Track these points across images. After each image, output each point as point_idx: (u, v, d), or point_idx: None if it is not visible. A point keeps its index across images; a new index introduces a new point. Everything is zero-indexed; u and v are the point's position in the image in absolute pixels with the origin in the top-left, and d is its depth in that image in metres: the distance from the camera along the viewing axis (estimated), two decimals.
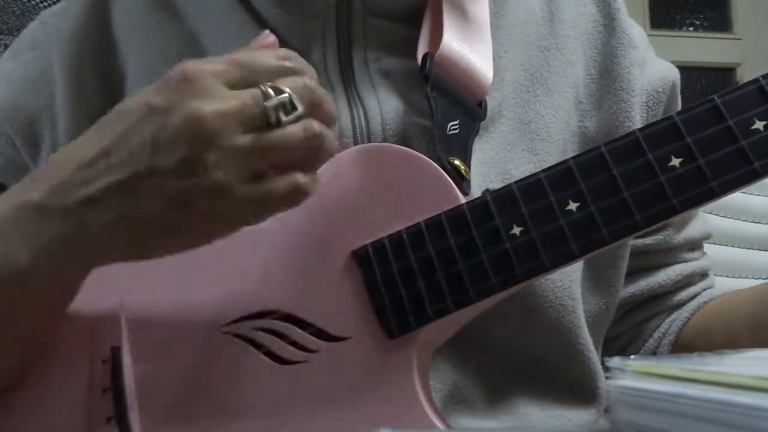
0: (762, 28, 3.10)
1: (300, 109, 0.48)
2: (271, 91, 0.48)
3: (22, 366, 0.57)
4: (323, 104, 0.50)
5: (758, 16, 3.11)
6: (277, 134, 0.48)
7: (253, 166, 0.48)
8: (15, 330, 0.55)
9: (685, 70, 2.93)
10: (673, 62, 0.76)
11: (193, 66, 0.48)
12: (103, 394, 0.57)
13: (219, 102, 0.47)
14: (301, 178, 0.49)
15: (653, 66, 0.72)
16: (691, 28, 3.09)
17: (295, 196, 0.50)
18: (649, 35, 0.76)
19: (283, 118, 0.48)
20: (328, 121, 0.51)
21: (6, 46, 1.12)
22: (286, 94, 0.48)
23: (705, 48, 3.02)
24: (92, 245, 0.50)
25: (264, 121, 0.48)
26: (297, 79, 0.49)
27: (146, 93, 0.49)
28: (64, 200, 0.49)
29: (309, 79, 0.50)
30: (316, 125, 0.49)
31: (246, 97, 0.47)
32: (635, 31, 0.72)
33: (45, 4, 1.16)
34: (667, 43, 2.81)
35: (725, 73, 3.05)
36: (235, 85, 0.48)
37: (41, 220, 0.50)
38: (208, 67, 0.48)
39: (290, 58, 0.51)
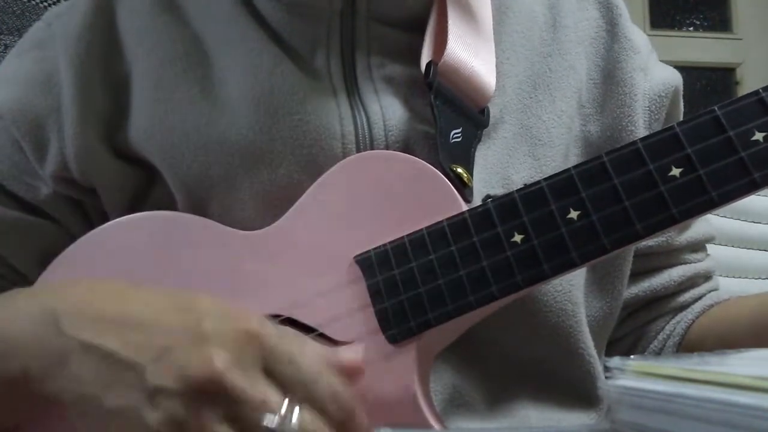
0: (762, 28, 3.10)
1: None
2: (286, 413, 0.44)
3: None
4: None
5: (758, 16, 3.11)
6: None
7: None
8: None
9: (685, 70, 2.92)
10: (673, 62, 0.76)
11: (257, 327, 0.46)
12: None
13: (248, 382, 0.44)
14: None
15: (656, 71, 0.73)
16: (691, 28, 3.09)
17: None
18: (649, 35, 0.76)
19: None
20: None
21: (6, 46, 1.12)
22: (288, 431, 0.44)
23: (705, 48, 3.02)
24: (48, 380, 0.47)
25: (251, 421, 0.44)
26: (320, 426, 0.45)
27: (213, 308, 0.47)
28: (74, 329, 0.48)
29: None
30: None
31: (266, 398, 0.44)
32: (638, 36, 0.72)
33: (45, 4, 1.16)
34: (667, 43, 2.81)
35: (725, 73, 3.05)
36: (271, 374, 0.45)
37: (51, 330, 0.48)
38: (267, 343, 0.45)
39: (349, 414, 0.46)
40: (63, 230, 0.68)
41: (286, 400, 0.44)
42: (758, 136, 0.49)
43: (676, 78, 0.74)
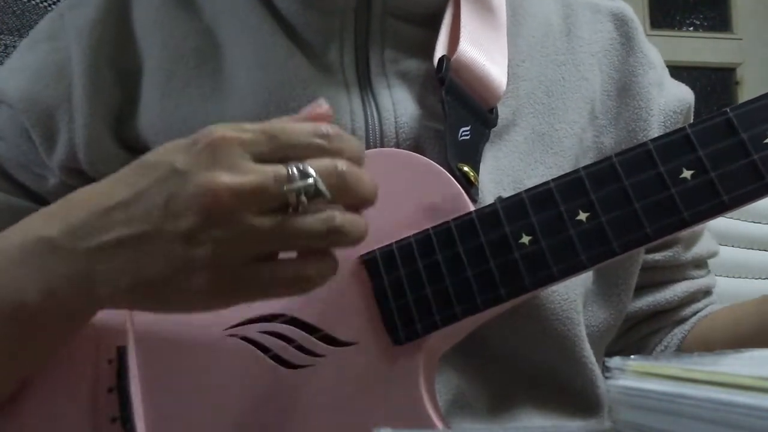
0: (762, 28, 3.10)
1: (325, 195, 0.46)
2: (296, 172, 0.45)
3: (23, 380, 0.57)
4: (356, 190, 0.47)
5: (758, 16, 3.11)
6: (294, 222, 0.45)
7: (261, 249, 0.46)
8: (20, 358, 0.55)
9: (685, 70, 2.93)
10: (673, 62, 0.77)
11: (223, 132, 0.46)
12: (109, 393, 0.57)
13: (238, 176, 0.45)
14: (310, 269, 0.47)
15: (671, 88, 0.73)
16: (691, 28, 3.09)
17: (300, 286, 0.48)
18: (649, 35, 0.76)
19: (305, 203, 0.45)
20: (360, 205, 0.48)
21: (6, 46, 1.12)
22: (311, 179, 0.45)
23: (705, 48, 3.02)
24: (97, 291, 0.49)
25: (283, 203, 0.45)
26: (329, 161, 0.46)
27: (173, 150, 0.48)
28: (76, 243, 0.49)
29: (345, 162, 0.47)
30: (338, 217, 0.46)
31: (268, 175, 0.45)
32: (653, 52, 0.73)
33: (45, 4, 1.15)
34: (667, 43, 2.81)
35: (725, 73, 3.05)
36: (263, 158, 0.46)
37: (52, 257, 0.50)
38: (238, 135, 0.46)
39: (329, 137, 0.47)
40: None
41: (289, 166, 0.45)
42: None
43: (690, 96, 0.75)
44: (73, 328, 0.55)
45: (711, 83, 2.98)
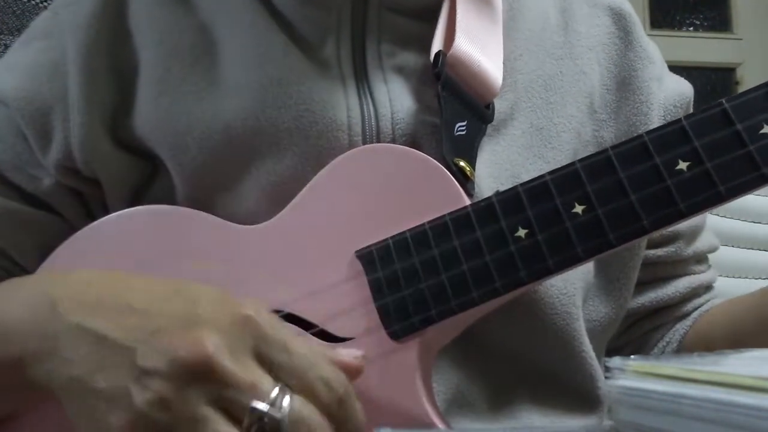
0: (762, 28, 3.10)
1: None
2: (275, 396, 0.43)
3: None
4: None
5: (758, 16, 3.11)
6: None
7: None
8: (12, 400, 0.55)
9: (685, 70, 2.93)
10: (673, 62, 0.76)
11: (254, 311, 0.46)
12: None
13: (239, 365, 0.44)
14: None
15: (670, 82, 0.73)
16: (691, 28, 3.09)
17: None
18: (649, 35, 0.76)
19: (254, 428, 0.43)
20: None
21: (6, 46, 1.12)
22: (279, 415, 0.43)
23: (705, 48, 3.01)
24: (45, 363, 0.48)
25: (238, 414, 0.43)
26: (314, 416, 0.44)
27: (208, 295, 0.47)
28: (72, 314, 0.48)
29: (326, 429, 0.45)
30: None
31: (259, 380, 0.44)
32: (651, 46, 0.73)
33: (45, 4, 1.15)
34: (667, 43, 2.81)
35: (725, 73, 3.05)
36: (263, 359, 0.45)
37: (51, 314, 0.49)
38: (262, 329, 0.45)
39: (337, 396, 0.46)
40: (64, 223, 0.68)
41: (277, 387, 0.44)
42: (767, 129, 0.48)
43: (689, 90, 0.75)
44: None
45: (711, 83, 2.97)
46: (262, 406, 0.43)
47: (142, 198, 0.66)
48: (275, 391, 0.44)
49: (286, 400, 0.44)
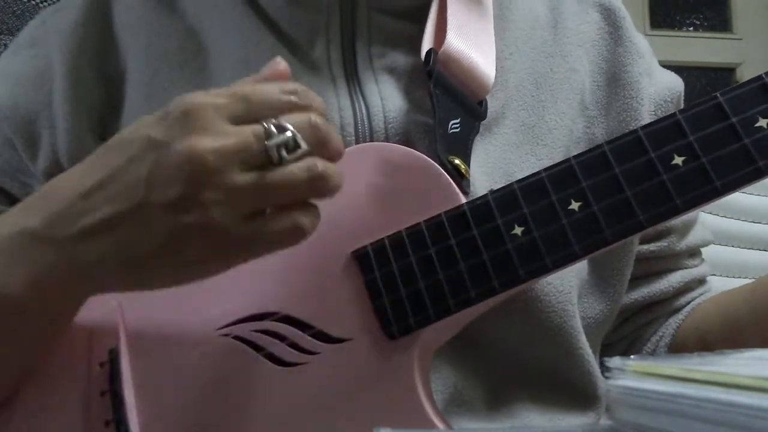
0: (762, 28, 3.10)
1: (303, 147, 0.46)
2: (273, 129, 0.46)
3: (17, 381, 0.57)
4: (330, 141, 0.48)
5: (758, 16, 3.11)
6: (278, 174, 0.46)
7: (251, 205, 0.47)
8: (9, 354, 0.55)
9: (685, 70, 2.93)
10: (673, 62, 0.76)
11: (194, 99, 0.46)
12: (101, 397, 0.56)
13: (219, 139, 0.45)
14: (301, 218, 0.48)
15: (660, 76, 0.73)
16: (691, 28, 3.08)
17: (294, 236, 0.48)
18: (649, 35, 0.76)
19: (286, 156, 0.46)
20: (334, 157, 0.49)
21: (6, 46, 1.12)
22: (289, 132, 0.46)
23: (705, 48, 3.01)
24: (85, 277, 0.49)
25: (265, 159, 0.46)
26: (302, 115, 0.47)
27: (146, 124, 0.48)
28: (58, 231, 0.49)
29: (316, 115, 0.48)
30: (319, 164, 0.47)
31: (247, 134, 0.46)
32: (641, 41, 0.73)
33: (45, 4, 1.15)
34: (667, 43, 2.81)
35: (725, 73, 3.05)
36: (238, 120, 0.46)
37: (36, 249, 0.49)
38: (210, 101, 0.46)
39: (297, 93, 0.48)
40: None
41: (264, 123, 0.46)
42: (762, 122, 0.48)
43: (679, 84, 0.75)
44: (60, 321, 0.55)
45: (711, 83, 2.97)
46: (274, 140, 0.46)
47: None
48: (270, 126, 0.46)
49: (282, 123, 0.46)
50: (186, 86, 0.64)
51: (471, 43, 0.63)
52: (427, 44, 0.62)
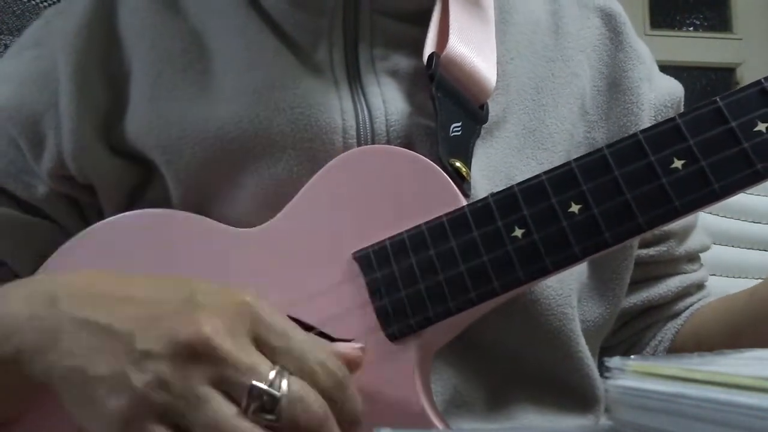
0: (762, 28, 3.10)
1: (271, 417, 0.44)
2: (273, 376, 0.44)
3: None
4: None
5: (758, 16, 3.11)
6: (231, 423, 0.43)
7: (181, 413, 0.44)
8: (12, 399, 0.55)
9: (685, 70, 2.93)
10: (673, 62, 0.77)
11: (251, 297, 0.47)
12: None
13: (237, 348, 0.44)
14: None
15: (660, 81, 0.73)
16: (691, 28, 3.09)
17: None
18: (649, 35, 0.77)
19: (251, 409, 0.43)
20: None
21: (6, 46, 1.12)
22: (278, 394, 0.44)
23: (705, 48, 3.01)
24: (46, 355, 0.48)
25: (236, 394, 0.44)
26: (311, 396, 0.45)
27: (204, 283, 0.48)
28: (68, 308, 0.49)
29: (324, 407, 0.45)
30: None
31: (259, 365, 0.44)
32: (641, 46, 0.73)
33: (45, 4, 1.15)
34: (667, 43, 2.81)
35: (725, 73, 3.05)
36: (259, 344, 0.46)
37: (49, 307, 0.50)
38: (258, 314, 0.46)
39: (336, 380, 0.47)
40: (60, 230, 0.68)
41: (275, 369, 0.45)
42: (761, 126, 0.48)
43: (679, 89, 0.75)
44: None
45: (711, 83, 2.97)
46: (261, 385, 0.44)
47: (137, 203, 0.66)
48: (273, 373, 0.44)
49: (285, 382, 0.44)
50: (190, 88, 0.64)
51: (473, 47, 0.63)
52: (429, 47, 0.63)
